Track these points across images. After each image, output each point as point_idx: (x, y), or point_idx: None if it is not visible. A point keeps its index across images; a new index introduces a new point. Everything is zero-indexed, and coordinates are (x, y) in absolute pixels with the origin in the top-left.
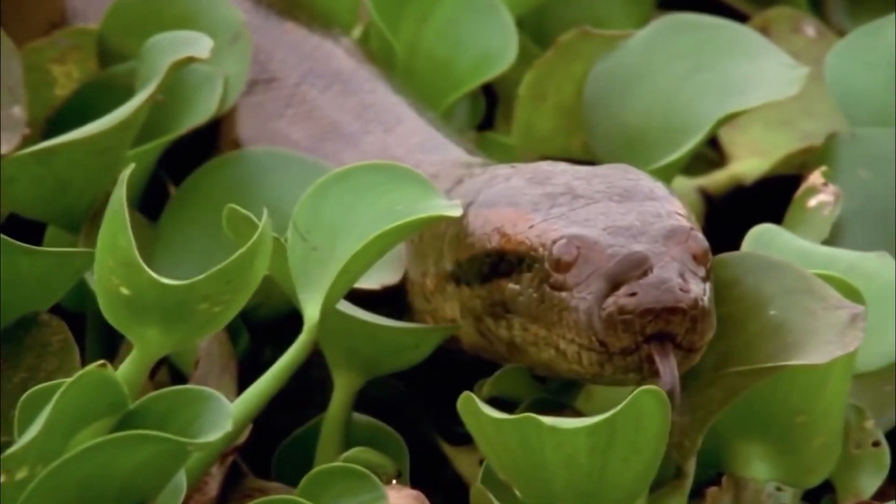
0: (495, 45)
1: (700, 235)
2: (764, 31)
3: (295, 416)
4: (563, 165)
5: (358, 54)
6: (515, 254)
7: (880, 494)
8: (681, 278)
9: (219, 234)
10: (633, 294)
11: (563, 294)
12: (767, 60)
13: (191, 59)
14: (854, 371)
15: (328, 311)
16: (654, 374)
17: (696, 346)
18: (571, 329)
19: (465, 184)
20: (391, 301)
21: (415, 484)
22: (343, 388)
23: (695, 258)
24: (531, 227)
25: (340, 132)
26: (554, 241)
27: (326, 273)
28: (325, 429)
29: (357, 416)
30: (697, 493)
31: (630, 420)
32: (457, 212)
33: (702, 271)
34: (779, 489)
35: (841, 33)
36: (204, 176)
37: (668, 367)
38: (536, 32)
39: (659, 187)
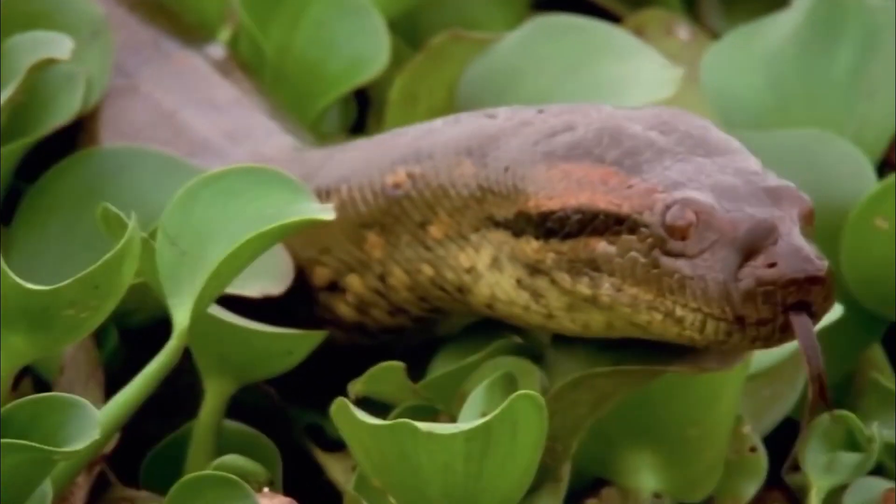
0: (367, 49)
1: (805, 195)
2: (638, 33)
3: (164, 423)
4: (607, 109)
5: (245, 84)
6: (613, 215)
7: (758, 500)
8: (807, 244)
9: (75, 236)
10: (773, 264)
11: (683, 262)
12: (641, 61)
13: (51, 61)
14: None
15: (199, 316)
16: (782, 342)
17: (824, 314)
18: (698, 298)
19: (464, 123)
20: (286, 302)
21: (288, 491)
22: (214, 394)
23: (805, 219)
24: (629, 187)
25: (209, 148)
26: (667, 206)
27: (197, 278)
28: (195, 436)
29: (228, 422)
30: (575, 498)
31: (506, 426)
32: (329, 215)
33: (811, 232)
34: (657, 496)
35: (715, 35)
36: (58, 174)
37: (809, 336)
38: (409, 35)
39: (725, 135)
